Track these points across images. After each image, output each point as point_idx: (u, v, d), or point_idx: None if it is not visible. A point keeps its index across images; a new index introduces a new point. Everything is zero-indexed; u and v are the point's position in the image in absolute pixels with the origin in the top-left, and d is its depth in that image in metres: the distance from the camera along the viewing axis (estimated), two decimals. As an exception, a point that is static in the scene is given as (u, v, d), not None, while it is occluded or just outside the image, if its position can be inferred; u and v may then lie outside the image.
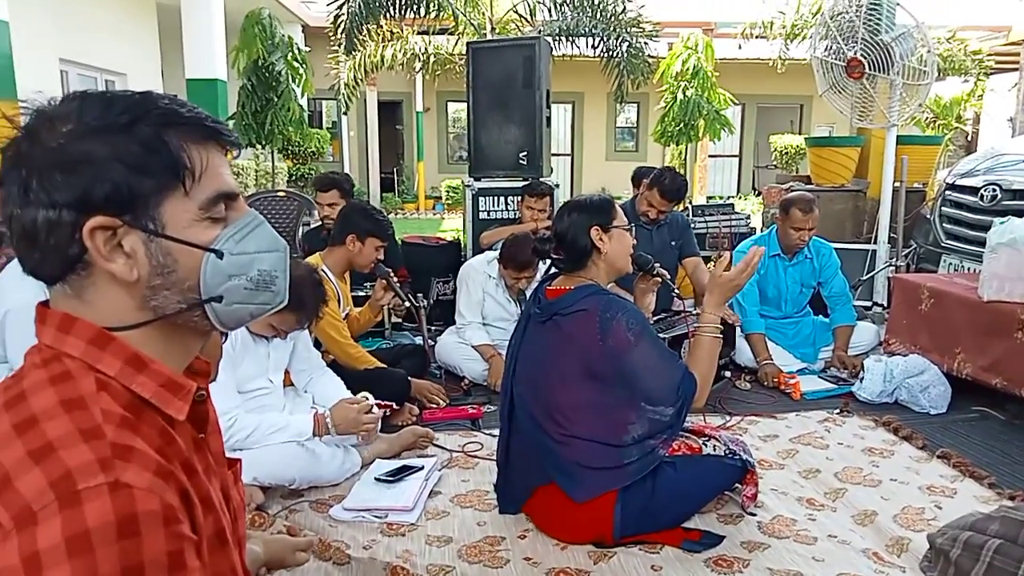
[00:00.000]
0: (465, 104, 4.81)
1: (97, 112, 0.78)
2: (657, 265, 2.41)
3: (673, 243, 4.08)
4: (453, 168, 15.96)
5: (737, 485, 2.23)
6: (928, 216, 4.60)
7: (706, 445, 2.18)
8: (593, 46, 8.46)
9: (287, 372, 2.75)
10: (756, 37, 10.82)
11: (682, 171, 7.92)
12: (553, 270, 2.22)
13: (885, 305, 4.55)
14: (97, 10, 9.23)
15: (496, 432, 2.58)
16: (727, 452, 2.16)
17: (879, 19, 4.43)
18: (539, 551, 2.02)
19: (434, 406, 3.14)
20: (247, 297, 0.86)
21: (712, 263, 5.33)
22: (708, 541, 2.03)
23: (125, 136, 0.77)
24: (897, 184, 4.74)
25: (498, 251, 3.60)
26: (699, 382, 1.99)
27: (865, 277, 4.67)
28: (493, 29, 8.37)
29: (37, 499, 0.66)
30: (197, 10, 8.45)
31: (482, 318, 3.66)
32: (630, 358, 1.94)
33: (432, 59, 10.11)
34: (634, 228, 2.25)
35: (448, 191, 14.29)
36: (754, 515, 2.20)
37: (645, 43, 8.54)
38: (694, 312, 3.72)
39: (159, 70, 10.98)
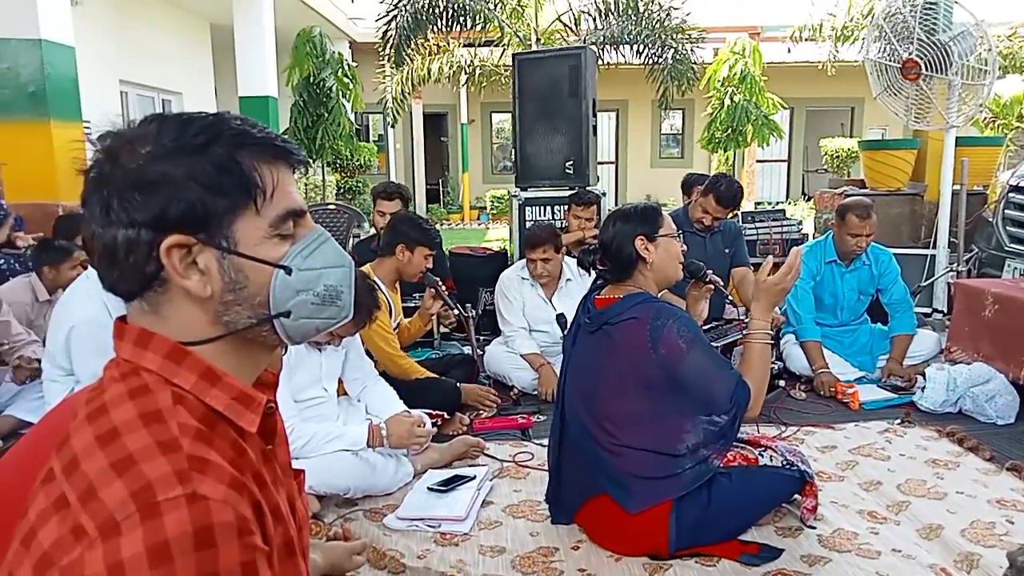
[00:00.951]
0: (510, 115, 4.85)
1: (173, 134, 0.80)
2: (710, 272, 2.38)
3: (727, 250, 4.01)
4: (497, 178, 16.06)
5: (796, 497, 2.18)
6: (990, 219, 4.44)
7: (762, 456, 2.13)
8: (638, 53, 8.42)
9: (340, 381, 2.79)
10: (805, 40, 10.63)
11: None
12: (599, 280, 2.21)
13: (945, 312, 4.41)
14: (154, 33, 9.57)
15: (546, 442, 2.59)
16: (784, 463, 2.11)
17: (936, 18, 4.31)
18: (593, 563, 2.01)
19: (485, 412, 3.16)
20: (314, 312, 0.87)
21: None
22: (767, 555, 1.99)
23: (200, 157, 0.80)
24: (957, 187, 4.59)
25: None
26: (753, 390, 1.95)
27: (924, 283, 4.53)
28: (538, 40, 8.40)
29: (120, 509, 0.68)
30: (249, 30, 8.69)
31: (528, 325, 3.67)
32: (682, 366, 1.92)
33: (478, 71, 10.20)
34: (682, 235, 2.23)
35: (493, 201, 14.36)
36: (814, 528, 2.14)
37: (691, 49, 8.48)
38: (746, 320, 3.68)
39: (213, 89, 11.32)
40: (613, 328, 2.04)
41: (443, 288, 3.25)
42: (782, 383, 3.47)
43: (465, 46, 10.10)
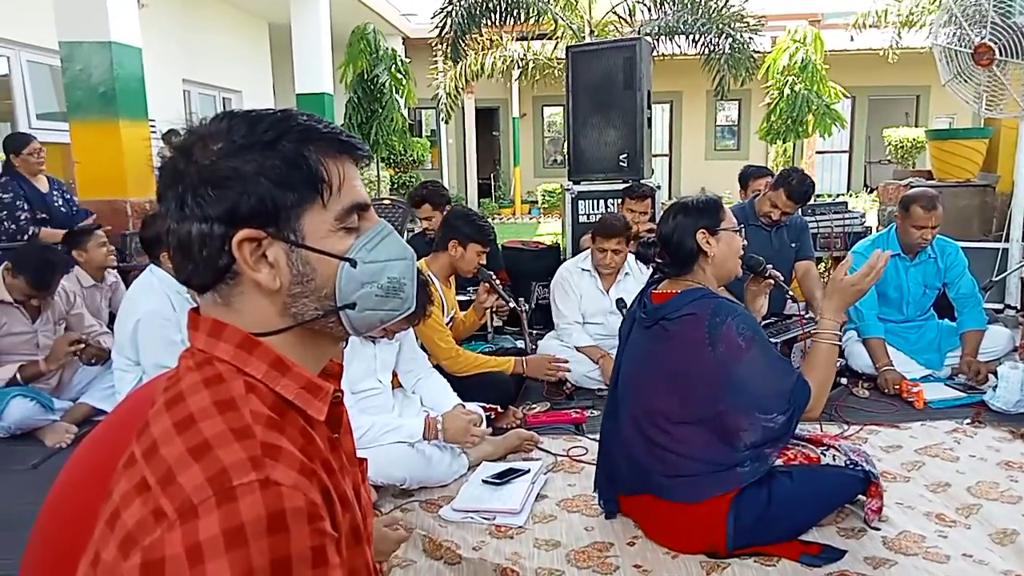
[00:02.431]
0: (562, 108, 4.85)
1: (244, 131, 0.82)
2: (769, 267, 2.33)
3: (793, 244, 3.91)
4: (549, 172, 16.02)
5: (859, 498, 2.12)
6: (1068, 211, 4.22)
7: (825, 455, 2.08)
8: (694, 42, 8.27)
9: (395, 374, 2.83)
10: (868, 27, 10.28)
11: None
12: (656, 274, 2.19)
13: (1019, 308, 4.22)
14: (215, 33, 9.84)
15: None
16: (848, 462, 2.05)
17: (1011, 1, 4.11)
18: (649, 559, 1.99)
19: (539, 407, 3.16)
20: (378, 304, 0.89)
21: (824, 265, 5.11)
22: (828, 555, 1.94)
23: (269, 152, 0.82)
24: (1032, 177, 4.38)
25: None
26: (815, 390, 1.91)
27: (996, 278, 4.33)
28: (592, 32, 8.33)
29: (197, 493, 0.70)
30: (306, 28, 8.85)
31: (582, 318, 3.66)
32: (740, 364, 1.89)
33: (530, 65, 10.18)
34: (748, 230, 2.19)
35: (544, 195, 14.34)
36: (878, 530, 2.08)
37: (749, 38, 8.28)
38: (807, 316, 3.59)
39: (271, 86, 11.58)
40: (670, 323, 2.01)
41: (497, 282, 3.26)
42: (844, 381, 3.38)
43: (518, 40, 10.09)
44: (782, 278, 2.41)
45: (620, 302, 3.39)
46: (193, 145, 0.83)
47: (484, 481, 2.42)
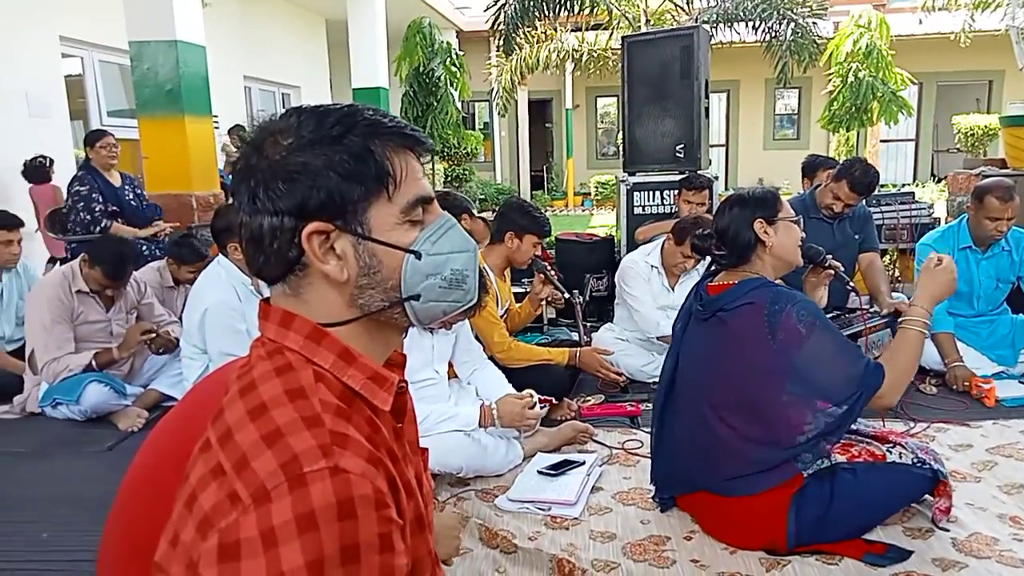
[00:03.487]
0: (615, 99, 4.83)
1: (312, 126, 0.84)
2: (829, 257, 2.28)
3: (856, 236, 3.79)
4: (601, 164, 15.91)
5: (926, 497, 2.06)
6: None
7: (891, 452, 2.03)
8: (754, 28, 8.06)
9: (451, 364, 2.86)
10: (937, 10, 9.87)
11: (846, 158, 7.38)
12: (711, 267, 2.16)
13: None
14: (275, 30, 10.06)
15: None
16: (915, 460, 1.99)
17: (1095, -22, 3.89)
18: (707, 554, 1.97)
19: (593, 399, 3.16)
20: (442, 295, 0.90)
21: (889, 257, 4.94)
22: (893, 556, 1.89)
23: (337, 147, 0.83)
24: (1117, 165, 4.15)
25: (658, 243, 3.57)
26: (892, 376, 1.82)
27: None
28: (648, 21, 8.21)
29: (270, 479, 0.73)
30: (362, 23, 8.97)
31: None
32: (802, 351, 1.84)
33: (585, 56, 10.10)
34: (809, 221, 2.13)
35: (597, 187, 14.25)
36: (947, 530, 2.01)
37: (812, 23, 8.02)
38: (871, 310, 3.49)
39: (328, 81, 11.79)
40: (728, 315, 1.98)
41: (552, 272, 3.26)
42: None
43: (573, 31, 10.01)
44: (843, 269, 2.35)
45: None
46: (264, 140, 0.85)
47: (539, 472, 2.43)
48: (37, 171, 5.65)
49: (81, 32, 6.75)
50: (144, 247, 4.60)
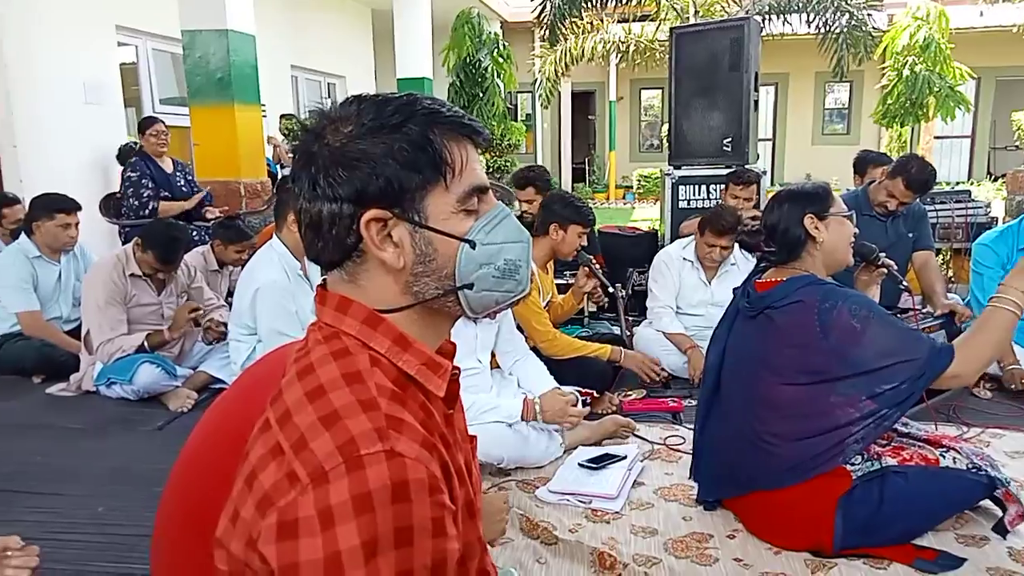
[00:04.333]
0: (660, 91, 4.80)
1: (372, 114, 0.85)
2: (882, 255, 2.22)
3: (911, 235, 3.69)
4: (645, 157, 15.76)
5: (982, 504, 2.00)
6: None
7: (944, 457, 1.97)
8: (807, 22, 7.87)
9: (493, 354, 2.87)
10: (1000, 1, 9.52)
11: (900, 154, 7.17)
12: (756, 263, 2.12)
13: None
14: (322, 20, 10.16)
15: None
16: (970, 466, 1.93)
17: None
18: (750, 553, 1.95)
19: (634, 393, 3.14)
20: (494, 285, 0.90)
21: (943, 257, 4.80)
22: (945, 563, 1.84)
23: (397, 135, 0.84)
24: None
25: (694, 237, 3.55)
26: (972, 352, 1.75)
27: None
28: (697, 12, 8.09)
29: (328, 460, 0.74)
30: (408, 13, 9.01)
31: (676, 306, 3.58)
32: (859, 347, 1.80)
33: (631, 47, 9.99)
34: (861, 219, 2.08)
35: (640, 180, 14.12)
36: (1003, 539, 1.95)
37: (868, 15, 7.79)
38: (924, 310, 3.39)
39: (372, 71, 11.88)
40: (776, 312, 1.95)
41: (597, 266, 3.24)
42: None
43: (619, 22, 9.91)
44: (896, 267, 2.29)
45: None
46: (325, 128, 0.86)
47: (580, 465, 2.43)
48: (130, 154, 5.82)
49: (136, 21, 6.91)
50: (194, 232, 4.71)
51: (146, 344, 3.29)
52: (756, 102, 4.55)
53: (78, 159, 6.03)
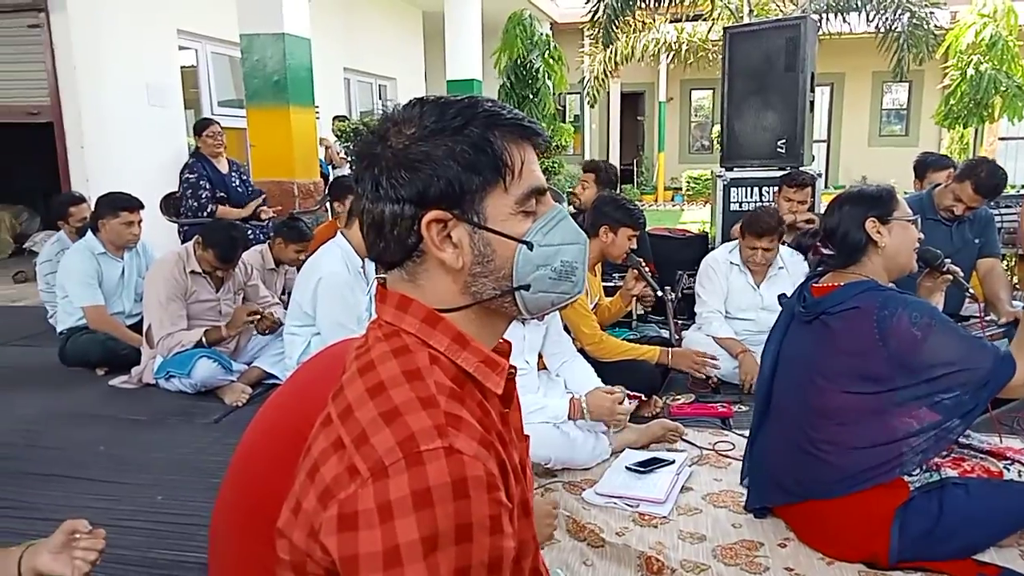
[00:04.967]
0: (710, 92, 4.73)
1: (434, 116, 0.86)
2: (947, 261, 2.16)
3: (976, 240, 3.56)
4: (694, 158, 15.56)
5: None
6: None
7: (1008, 469, 1.90)
8: (867, 20, 7.66)
9: (540, 355, 2.87)
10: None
11: (962, 157, 6.93)
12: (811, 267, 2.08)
13: None
14: (374, 23, 10.31)
15: (747, 433, 2.50)
16: (1036, 481, 1.86)
17: None
18: (802, 563, 1.91)
19: (683, 397, 3.11)
20: (551, 286, 0.91)
21: (1007, 263, 4.63)
22: (1008, 580, 1.78)
23: (458, 137, 0.85)
24: None
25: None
26: None
27: None
28: (751, 12, 7.95)
29: (388, 455, 0.75)
30: (458, 15, 9.08)
31: (724, 310, 3.53)
32: (920, 356, 1.75)
33: (683, 47, 9.88)
34: (919, 220, 2.03)
35: (689, 181, 13.95)
36: (1069, 558, 1.88)
37: (930, 13, 7.55)
38: (988, 318, 3.28)
39: (423, 73, 12.00)
40: (832, 318, 1.91)
41: (646, 269, 3.21)
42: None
43: (672, 22, 9.81)
44: (961, 274, 2.22)
45: (783, 297, 3.24)
46: (388, 130, 0.88)
47: (628, 468, 2.41)
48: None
49: (196, 25, 7.12)
50: (249, 232, 4.83)
51: (204, 340, 3.39)
52: (812, 103, 4.46)
53: (141, 159, 6.24)
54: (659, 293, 3.27)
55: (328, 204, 5.83)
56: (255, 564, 1.20)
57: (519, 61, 7.32)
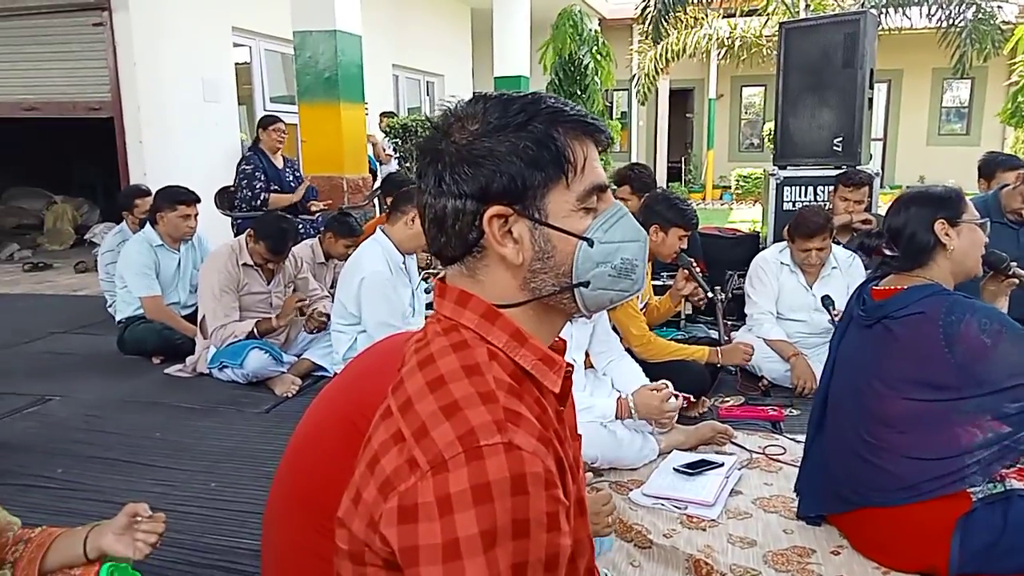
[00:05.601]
0: (762, 89, 4.62)
1: (498, 112, 0.86)
2: (1013, 264, 2.07)
3: None
4: (744, 156, 15.31)
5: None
6: None
7: (1080, 483, 1.82)
8: (928, 15, 7.42)
9: (587, 354, 2.85)
10: None
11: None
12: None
13: None
14: (422, 20, 10.39)
15: (800, 437, 2.45)
16: (1109, 495, 1.78)
17: None
18: (856, 571, 1.86)
19: (732, 400, 3.06)
20: (610, 284, 0.90)
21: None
22: (1078, 598, 1.70)
23: (522, 133, 0.85)
24: None
25: None
26: None
27: None
28: (807, 6, 7.78)
29: (448, 448, 0.75)
30: (507, 12, 9.09)
31: (776, 312, 3.46)
32: (988, 364, 1.69)
33: (736, 43, 9.71)
34: (988, 224, 1.95)
35: (738, 180, 13.72)
36: None
37: (997, 7, 7.27)
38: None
39: (470, 70, 12.05)
40: (895, 323, 1.85)
41: (696, 269, 3.17)
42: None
43: (725, 17, 9.65)
44: (1029, 279, 2.13)
45: (826, 299, 3.17)
46: (451, 126, 0.88)
47: (676, 469, 2.38)
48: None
49: (250, 23, 7.27)
50: (299, 225, 4.91)
51: (256, 331, 3.46)
52: (870, 100, 4.34)
53: (196, 154, 6.40)
54: (709, 294, 3.22)
55: (379, 200, 5.90)
56: (308, 552, 1.22)
57: (568, 57, 7.28)
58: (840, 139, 4.29)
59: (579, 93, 7.23)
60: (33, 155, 8.46)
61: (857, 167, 4.15)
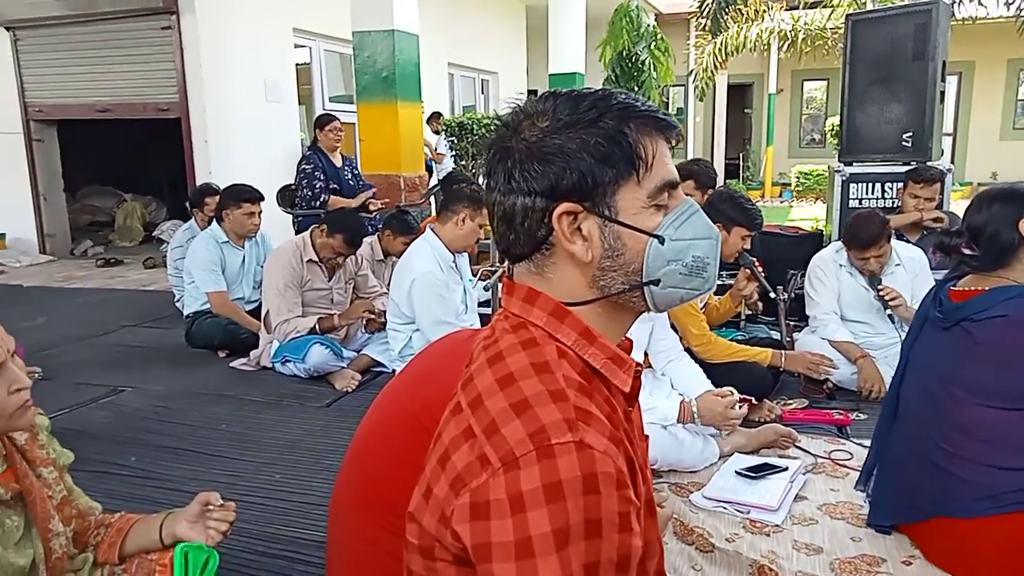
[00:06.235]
0: (824, 83, 4.48)
1: (568, 109, 0.86)
2: None
3: None
4: (805, 152, 14.94)
5: None
6: None
7: None
8: (1007, 3, 7.10)
9: (645, 354, 2.82)
10: None
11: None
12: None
13: None
14: (477, 18, 10.44)
15: (867, 442, 2.37)
16: None
17: None
18: (929, 583, 1.80)
19: (795, 403, 2.98)
20: (681, 282, 0.88)
21: None
22: None
23: (592, 130, 0.84)
24: None
25: None
26: None
27: None
28: (875, -2, 7.54)
29: (519, 446, 0.75)
30: (562, 8, 9.06)
31: (839, 309, 3.35)
32: None
33: (799, 36, 9.46)
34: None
35: (799, 177, 13.38)
36: None
37: (1081, -7, 6.93)
38: None
39: (524, 68, 12.05)
40: (975, 326, 1.77)
41: (759, 269, 3.10)
42: None
43: (788, 9, 9.42)
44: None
45: (873, 279, 3.10)
46: (521, 123, 0.88)
47: (738, 473, 2.33)
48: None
49: (310, 24, 7.42)
50: (358, 223, 4.99)
51: (317, 327, 3.54)
52: (942, 93, 4.18)
53: (258, 153, 6.57)
54: (771, 294, 3.15)
55: (435, 197, 5.95)
56: (374, 548, 1.24)
57: (624, 53, 7.21)
58: (910, 134, 4.15)
59: (636, 89, 7.15)
60: (105, 155, 8.81)
61: (928, 163, 4.00)
